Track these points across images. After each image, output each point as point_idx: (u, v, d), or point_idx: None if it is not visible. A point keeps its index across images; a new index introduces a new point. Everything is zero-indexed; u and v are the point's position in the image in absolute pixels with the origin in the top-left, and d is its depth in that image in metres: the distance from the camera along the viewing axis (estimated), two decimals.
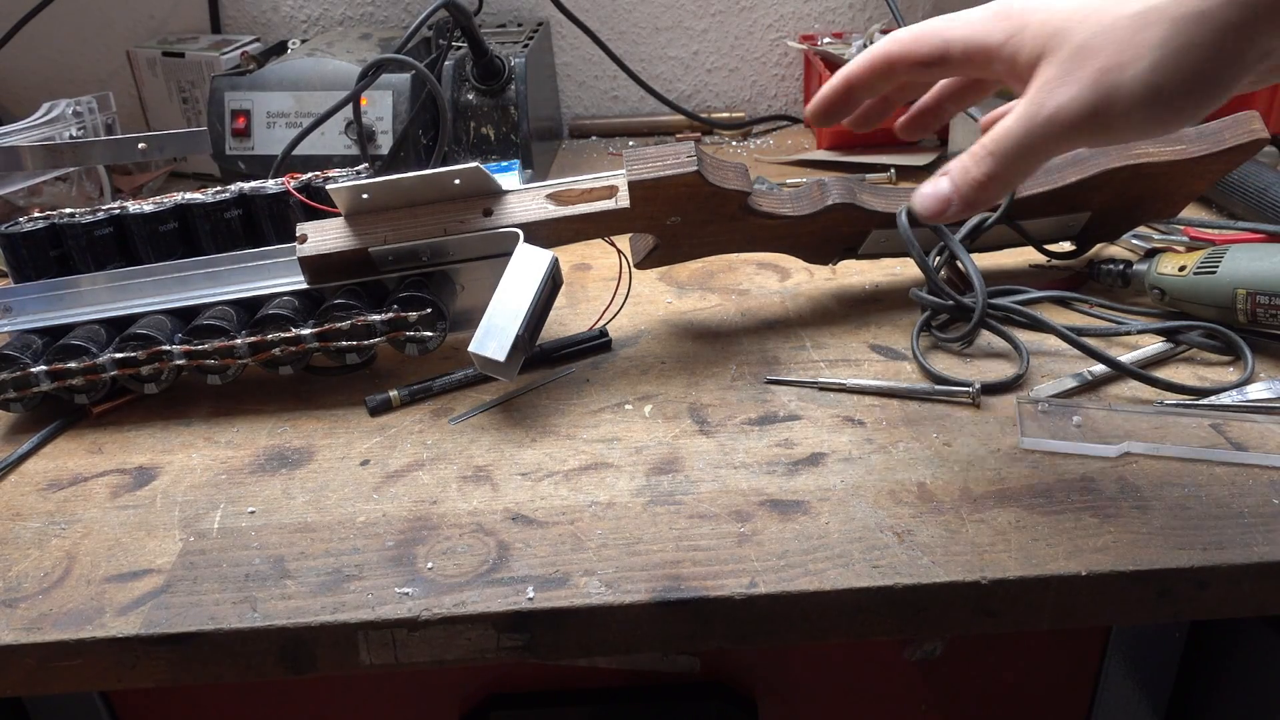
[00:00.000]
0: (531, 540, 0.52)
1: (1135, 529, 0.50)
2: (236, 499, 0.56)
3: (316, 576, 0.50)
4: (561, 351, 0.68)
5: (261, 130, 0.91)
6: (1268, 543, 0.49)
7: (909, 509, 0.52)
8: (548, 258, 0.61)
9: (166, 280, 0.66)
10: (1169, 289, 0.67)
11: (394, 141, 0.89)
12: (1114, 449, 0.55)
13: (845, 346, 0.67)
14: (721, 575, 0.49)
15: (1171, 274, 0.66)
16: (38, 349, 0.64)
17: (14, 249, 0.67)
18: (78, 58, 1.11)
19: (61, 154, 0.83)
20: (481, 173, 0.63)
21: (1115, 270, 0.71)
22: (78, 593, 0.50)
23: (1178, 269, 0.66)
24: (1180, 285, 0.66)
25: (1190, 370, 0.63)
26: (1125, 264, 0.71)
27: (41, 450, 0.62)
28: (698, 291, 0.76)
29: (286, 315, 0.63)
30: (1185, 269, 0.65)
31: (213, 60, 1.00)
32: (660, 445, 0.59)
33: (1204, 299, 0.64)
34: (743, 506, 0.53)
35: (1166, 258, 0.68)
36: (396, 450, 0.60)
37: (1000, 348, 0.66)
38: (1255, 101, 0.91)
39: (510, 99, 0.93)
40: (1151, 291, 0.68)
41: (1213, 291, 0.64)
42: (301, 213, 0.67)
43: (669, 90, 1.12)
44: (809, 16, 1.10)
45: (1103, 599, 0.49)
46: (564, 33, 1.09)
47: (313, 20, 1.10)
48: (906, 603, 0.48)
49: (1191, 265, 0.65)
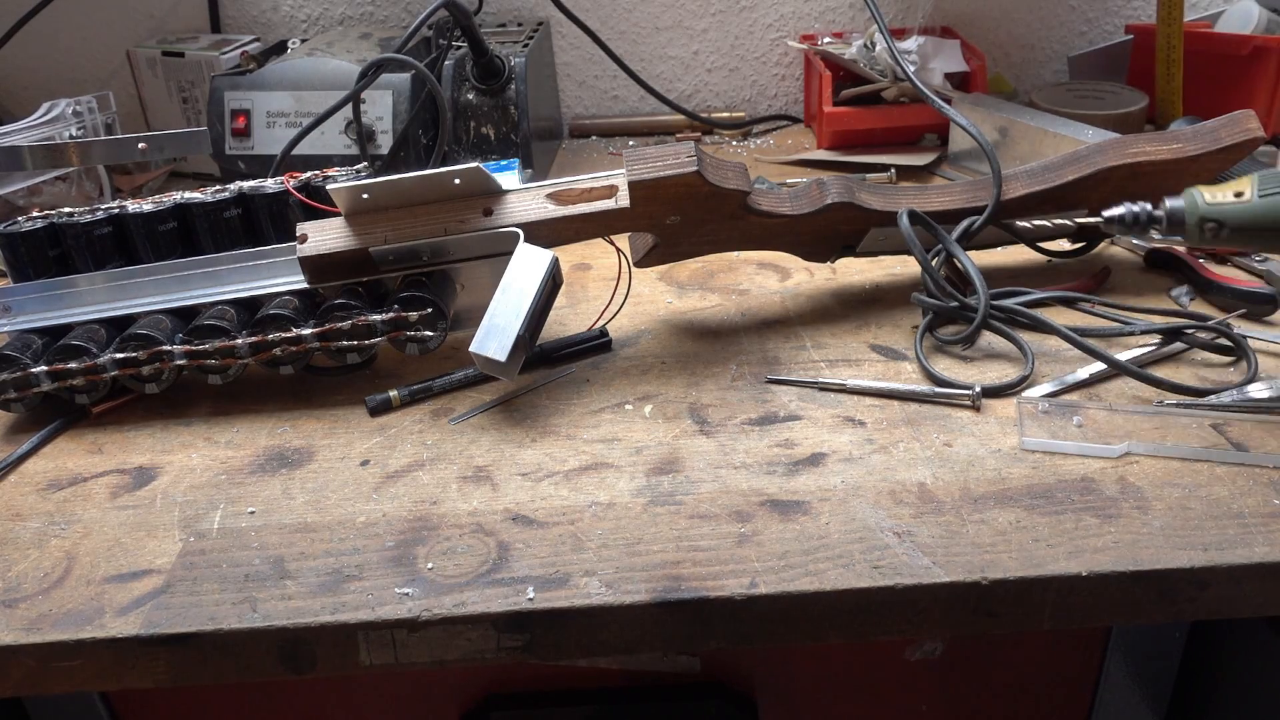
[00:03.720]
0: (531, 540, 0.52)
1: (1135, 529, 0.50)
2: (236, 499, 0.56)
3: (316, 577, 0.50)
4: (561, 351, 0.68)
5: (261, 130, 0.91)
6: (1268, 543, 0.49)
7: (909, 509, 0.52)
8: (548, 257, 0.61)
9: (166, 280, 0.66)
10: (1229, 219, 0.59)
11: (394, 141, 0.89)
12: (1114, 449, 0.55)
13: (845, 346, 0.67)
14: (721, 575, 0.49)
15: (1229, 202, 0.59)
16: (38, 349, 0.63)
17: (13, 248, 0.66)
18: (78, 58, 1.11)
19: (61, 154, 0.83)
20: (481, 173, 0.63)
21: (1138, 216, 0.63)
22: (77, 593, 0.50)
23: (1234, 195, 0.59)
24: (1245, 213, 0.58)
25: (1190, 370, 0.63)
26: (1150, 205, 0.63)
27: (41, 450, 0.62)
28: (698, 291, 0.76)
29: (287, 315, 0.63)
30: (1244, 195, 0.58)
31: (213, 60, 1.00)
32: (660, 445, 0.59)
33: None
34: (743, 507, 0.53)
35: (1210, 188, 0.61)
36: (396, 450, 0.59)
37: (1001, 348, 0.66)
38: (1254, 101, 0.91)
39: (510, 99, 0.93)
40: (1205, 227, 0.60)
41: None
42: (301, 212, 0.67)
43: (669, 90, 1.12)
44: (809, 16, 1.10)
45: (1103, 599, 0.49)
46: (564, 33, 1.09)
47: (313, 20, 1.10)
48: (906, 603, 0.48)
49: (1251, 189, 0.58)
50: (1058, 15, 1.09)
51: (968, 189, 0.72)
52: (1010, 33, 1.10)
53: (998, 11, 1.09)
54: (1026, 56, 1.11)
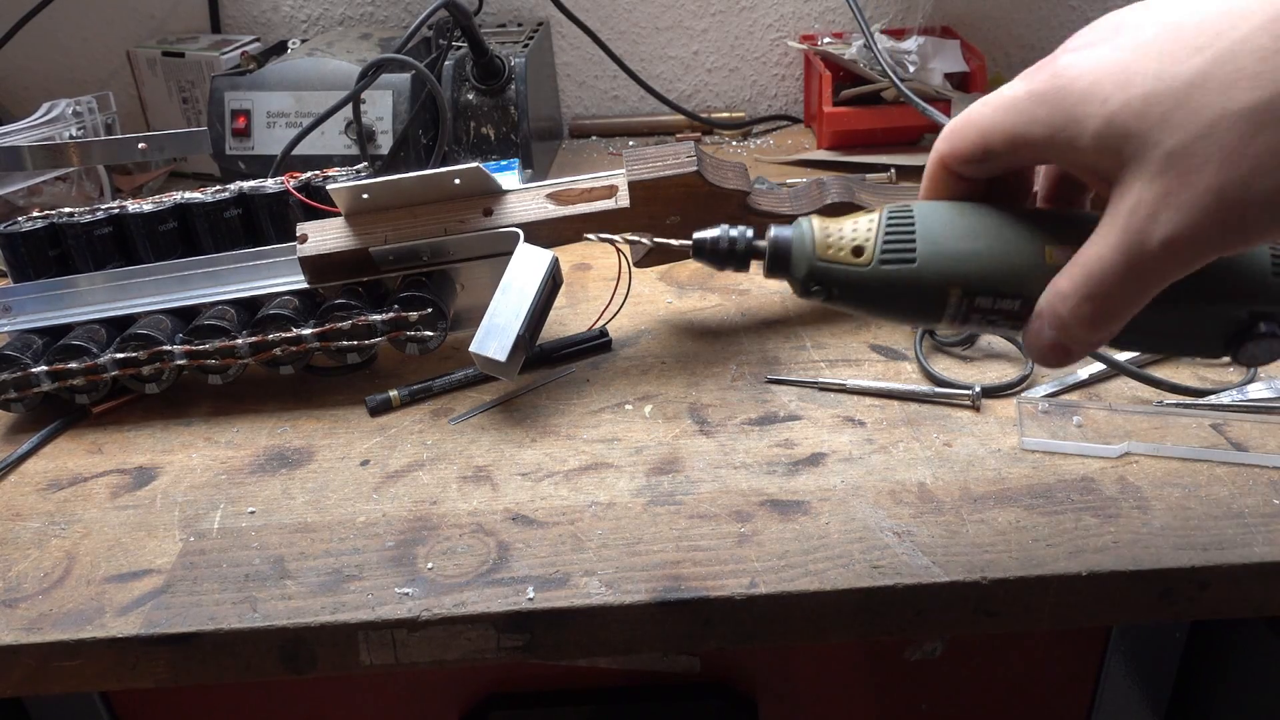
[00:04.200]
0: (531, 540, 0.52)
1: (1135, 529, 0.50)
2: (236, 499, 0.56)
3: (316, 576, 0.50)
4: (561, 351, 0.68)
5: (261, 130, 0.91)
6: (1268, 543, 0.49)
7: (909, 509, 0.52)
8: (548, 257, 0.61)
9: (166, 280, 0.66)
10: (842, 286, 0.41)
11: (394, 141, 0.89)
12: (1114, 449, 0.55)
13: (845, 346, 0.67)
14: (722, 575, 0.49)
15: (846, 264, 0.41)
16: (38, 349, 0.63)
17: (13, 248, 0.66)
18: (78, 58, 1.11)
19: (61, 154, 0.83)
20: (481, 173, 0.63)
21: (733, 242, 0.43)
22: (78, 593, 0.50)
23: (852, 252, 0.40)
24: (861, 281, 0.41)
25: (1190, 370, 0.63)
26: (746, 236, 0.43)
27: (41, 450, 0.62)
28: (698, 291, 0.76)
29: (287, 315, 0.63)
30: (865, 253, 0.40)
31: (213, 60, 1.00)
32: (660, 445, 0.59)
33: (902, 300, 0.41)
34: (743, 506, 0.53)
35: (828, 229, 0.41)
36: (396, 450, 0.59)
37: (1002, 348, 0.66)
38: None
39: (510, 99, 0.93)
40: (812, 289, 0.42)
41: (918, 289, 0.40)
42: (301, 212, 0.67)
43: (669, 90, 1.12)
44: (809, 16, 1.10)
45: (1103, 599, 0.49)
46: (564, 33, 1.09)
47: (313, 20, 1.10)
48: (906, 603, 0.48)
49: (873, 247, 0.40)
50: (1058, 15, 1.09)
51: None
52: (1010, 33, 1.10)
53: (998, 11, 1.09)
54: (1026, 56, 1.11)
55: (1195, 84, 0.33)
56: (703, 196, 0.64)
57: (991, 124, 0.38)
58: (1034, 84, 0.37)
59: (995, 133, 0.38)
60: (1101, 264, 0.35)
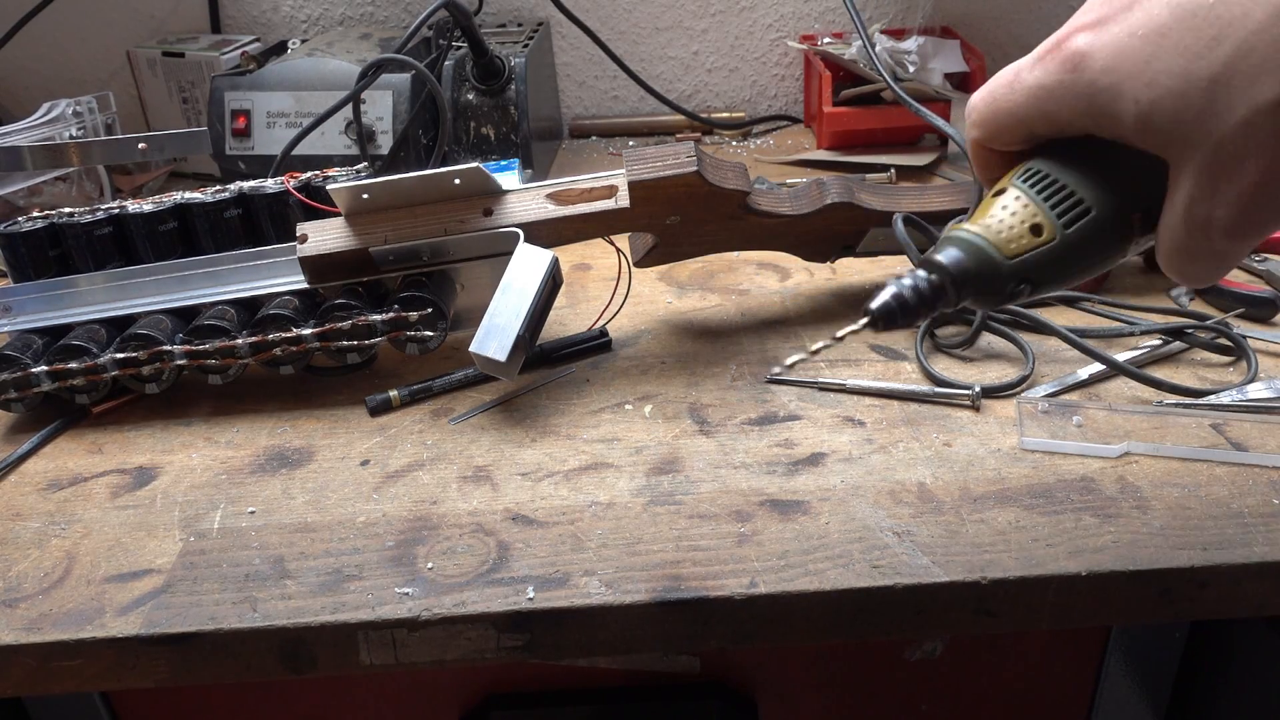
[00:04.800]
0: (531, 540, 0.52)
1: (1135, 529, 0.50)
2: (236, 499, 0.56)
3: (316, 576, 0.50)
4: (561, 351, 0.68)
5: (261, 130, 0.91)
6: (1268, 543, 0.49)
7: (909, 509, 0.52)
8: (548, 257, 0.61)
9: (166, 280, 0.66)
10: (1043, 269, 0.40)
11: (394, 141, 0.89)
12: (1114, 449, 0.55)
13: (845, 346, 0.67)
14: (721, 575, 0.49)
15: (1036, 247, 0.39)
16: (38, 349, 0.63)
17: (13, 248, 0.66)
18: (78, 58, 1.11)
19: (61, 154, 0.83)
20: (481, 173, 0.63)
21: (913, 303, 0.39)
22: (78, 593, 0.50)
23: (1031, 233, 0.39)
24: (1059, 255, 0.39)
25: (1190, 370, 0.63)
26: (920, 279, 0.39)
27: (41, 450, 0.62)
28: (698, 291, 0.76)
29: (287, 315, 0.63)
30: (1045, 229, 0.39)
31: (213, 60, 1.00)
32: (660, 445, 0.59)
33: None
34: (743, 506, 0.53)
35: (989, 226, 0.39)
36: (396, 450, 0.59)
37: (1001, 349, 0.66)
38: None
39: (510, 99, 0.93)
40: (1016, 292, 0.40)
41: None
42: (301, 212, 0.67)
43: (669, 90, 1.12)
44: (809, 16, 1.10)
45: (1103, 599, 0.49)
46: (564, 33, 1.09)
47: (313, 20, 1.10)
48: (906, 603, 0.48)
49: (1046, 218, 0.39)
50: (1057, 15, 1.09)
51: (967, 190, 0.72)
52: (1010, 33, 1.10)
53: (997, 11, 1.09)
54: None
55: (1220, 81, 0.33)
56: (703, 196, 0.64)
57: (1028, 112, 0.38)
58: (1057, 71, 0.37)
59: (1038, 120, 0.38)
60: (1176, 238, 0.37)
